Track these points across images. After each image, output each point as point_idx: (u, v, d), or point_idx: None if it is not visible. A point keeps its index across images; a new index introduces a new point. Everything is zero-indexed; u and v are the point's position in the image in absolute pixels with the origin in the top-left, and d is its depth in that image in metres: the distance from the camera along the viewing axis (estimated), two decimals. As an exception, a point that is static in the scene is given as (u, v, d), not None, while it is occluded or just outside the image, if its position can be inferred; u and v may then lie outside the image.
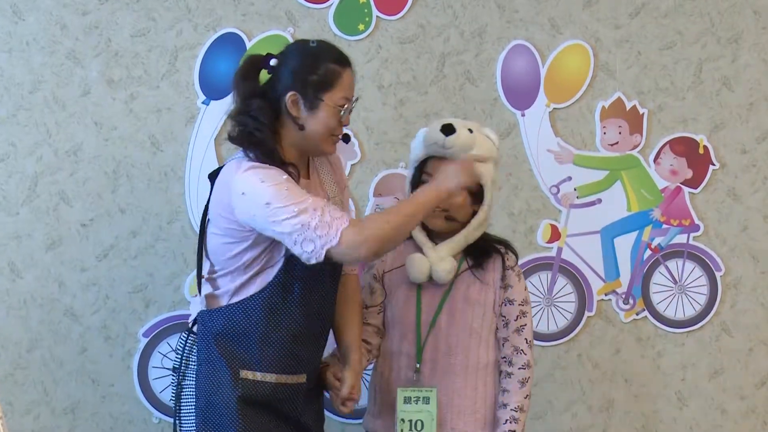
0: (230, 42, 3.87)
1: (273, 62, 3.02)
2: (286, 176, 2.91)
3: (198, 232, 3.18)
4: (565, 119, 4.00)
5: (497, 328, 3.31)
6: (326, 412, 3.34)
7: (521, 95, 3.97)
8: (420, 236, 3.28)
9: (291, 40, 3.77)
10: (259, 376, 3.01)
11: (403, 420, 3.19)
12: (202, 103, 3.86)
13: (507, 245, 3.36)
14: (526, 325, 3.31)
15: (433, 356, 3.25)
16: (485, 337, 3.28)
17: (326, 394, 3.27)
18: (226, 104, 3.68)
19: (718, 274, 4.05)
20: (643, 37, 4.01)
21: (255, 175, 2.92)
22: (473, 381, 3.26)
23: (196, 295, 3.25)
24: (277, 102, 3.01)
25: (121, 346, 3.87)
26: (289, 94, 2.98)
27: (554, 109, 3.99)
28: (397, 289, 3.31)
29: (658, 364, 4.05)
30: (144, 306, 3.87)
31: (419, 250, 3.29)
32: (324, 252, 2.87)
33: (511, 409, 3.25)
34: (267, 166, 2.93)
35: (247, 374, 3.01)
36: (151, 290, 3.86)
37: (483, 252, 3.30)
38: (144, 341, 3.87)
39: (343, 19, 3.90)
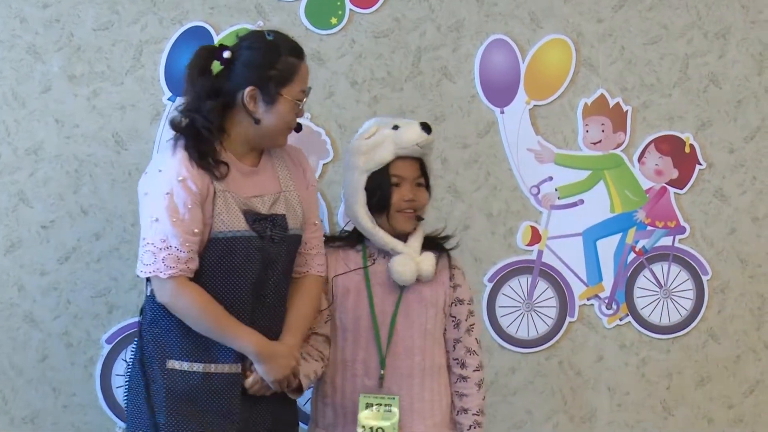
0: (197, 36, 3.80)
1: (227, 54, 3.02)
2: (185, 192, 2.94)
3: None
4: (546, 117, 3.95)
5: (446, 329, 3.33)
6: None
7: (500, 92, 3.93)
8: (388, 239, 3.28)
9: None
10: (186, 366, 3.00)
11: (363, 427, 3.20)
12: (168, 99, 3.80)
13: (447, 242, 3.38)
14: (475, 324, 3.35)
15: (391, 361, 3.24)
16: (438, 338, 3.31)
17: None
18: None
19: (704, 278, 4.02)
20: (627, 31, 3.97)
21: (163, 162, 2.98)
22: (429, 383, 3.28)
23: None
24: (232, 95, 3.02)
25: (83, 353, 3.80)
26: (248, 89, 3.00)
27: (534, 106, 3.95)
28: (345, 294, 3.29)
29: (643, 371, 4.02)
30: (107, 311, 3.80)
31: (375, 254, 3.31)
32: (146, 275, 2.98)
33: (473, 414, 3.30)
34: (187, 167, 2.96)
35: (174, 364, 3.00)
36: (114, 295, 3.79)
37: (434, 249, 3.32)
38: (107, 348, 3.80)
39: (314, 12, 3.85)
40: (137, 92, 3.78)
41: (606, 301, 3.97)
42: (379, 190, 3.25)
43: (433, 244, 3.33)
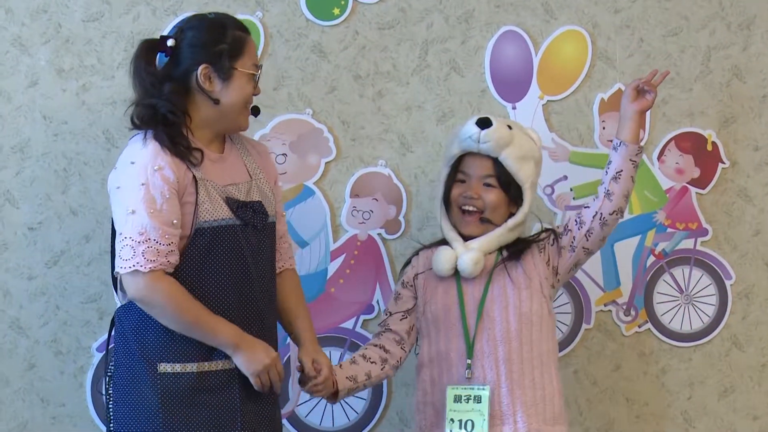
0: None
1: (170, 43, 3.01)
2: (162, 182, 2.90)
3: None
4: (560, 113, 3.88)
5: (549, 311, 3.31)
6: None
7: (512, 86, 3.85)
8: (450, 234, 3.33)
9: (259, 26, 3.73)
10: (178, 367, 2.95)
11: (452, 420, 3.19)
12: None
13: (545, 230, 3.42)
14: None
15: (490, 346, 3.24)
16: (537, 322, 3.27)
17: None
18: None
19: (728, 283, 3.95)
20: (646, 22, 3.90)
21: (135, 154, 2.95)
22: (531, 372, 3.24)
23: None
24: (185, 81, 3.00)
25: (72, 361, 3.72)
26: (201, 67, 2.98)
27: (548, 101, 3.87)
28: (435, 288, 3.32)
29: (663, 381, 3.94)
30: (98, 317, 3.71)
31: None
32: (126, 270, 2.88)
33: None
34: (162, 156, 2.93)
35: (165, 367, 2.95)
36: (105, 300, 3.70)
37: (519, 246, 3.35)
38: (98, 356, 3.71)
39: (316, 2, 3.75)
40: (129, 87, 3.52)
41: (624, 307, 3.90)
42: (445, 184, 3.33)
43: (524, 240, 3.35)
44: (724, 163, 3.91)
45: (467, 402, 3.17)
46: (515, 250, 3.30)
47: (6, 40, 3.65)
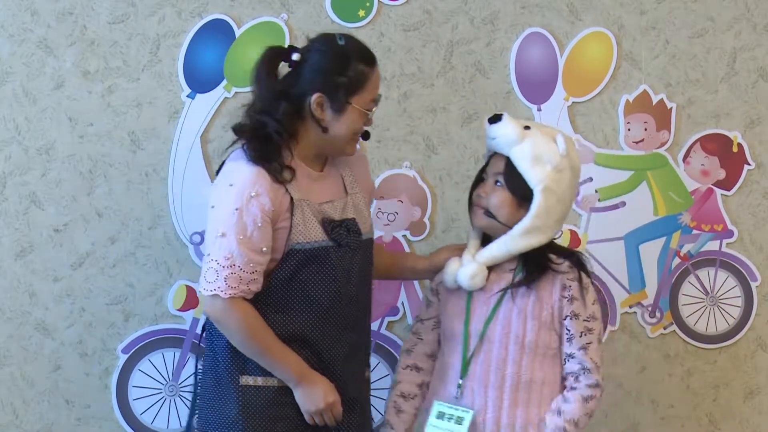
0: (217, 29, 3.70)
1: (295, 56, 2.98)
2: (257, 209, 2.89)
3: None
4: (586, 114, 3.86)
5: (561, 344, 3.14)
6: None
7: (537, 88, 3.83)
8: (471, 241, 3.22)
9: (285, 28, 3.71)
10: (260, 381, 2.97)
11: None
12: (187, 96, 3.70)
13: (572, 258, 3.17)
14: (591, 343, 3.12)
15: (483, 369, 3.13)
16: (540, 353, 3.13)
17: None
18: (212, 98, 3.68)
19: (753, 285, 3.94)
20: (671, 23, 3.88)
21: (235, 176, 2.92)
22: (525, 398, 3.12)
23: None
24: (300, 101, 2.97)
25: (98, 363, 3.72)
26: (316, 95, 2.94)
27: (573, 103, 3.85)
28: (449, 299, 3.24)
29: (688, 383, 3.94)
30: (123, 319, 3.71)
31: None
32: (208, 293, 2.91)
33: (566, 420, 3.07)
34: (261, 182, 2.91)
35: (247, 380, 2.97)
36: (131, 302, 3.71)
37: (537, 266, 3.14)
38: (123, 358, 3.72)
39: (341, 4, 3.74)
40: (154, 89, 3.68)
41: (649, 308, 3.88)
42: (472, 183, 3.24)
43: (546, 259, 3.13)
44: (749, 164, 3.89)
45: (449, 421, 3.12)
46: (531, 274, 3.11)
47: (32, 42, 3.63)
